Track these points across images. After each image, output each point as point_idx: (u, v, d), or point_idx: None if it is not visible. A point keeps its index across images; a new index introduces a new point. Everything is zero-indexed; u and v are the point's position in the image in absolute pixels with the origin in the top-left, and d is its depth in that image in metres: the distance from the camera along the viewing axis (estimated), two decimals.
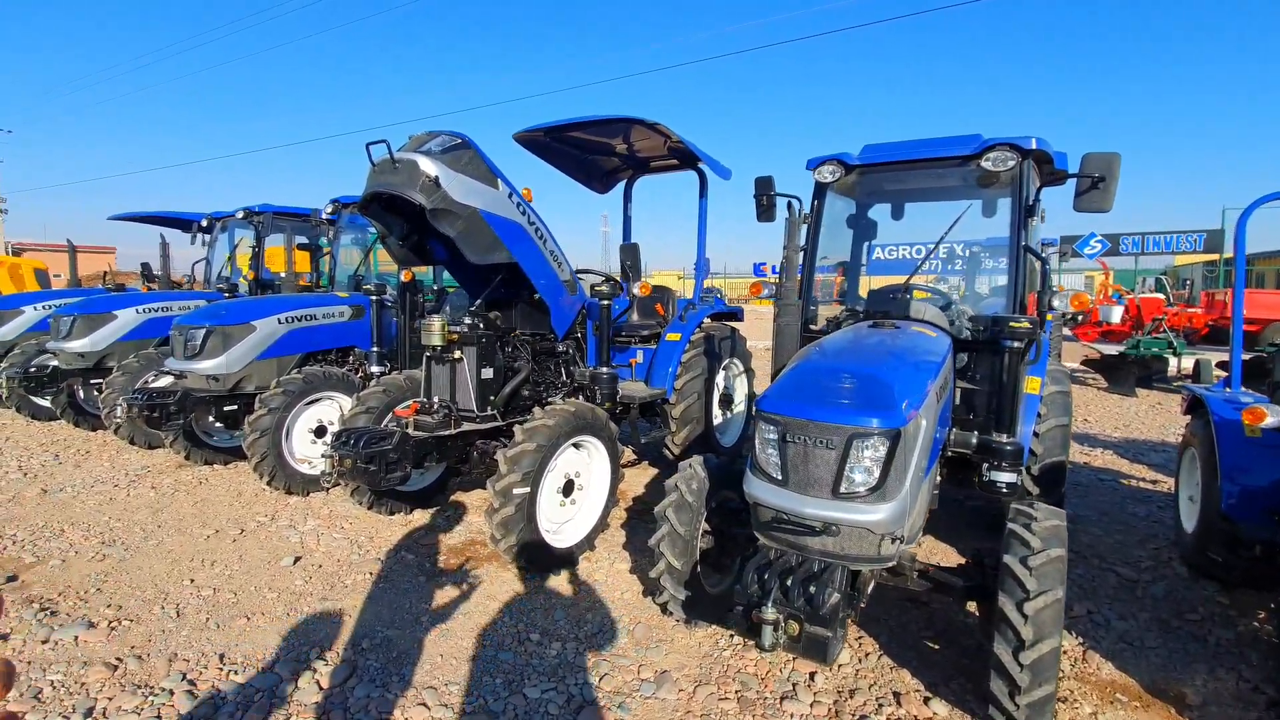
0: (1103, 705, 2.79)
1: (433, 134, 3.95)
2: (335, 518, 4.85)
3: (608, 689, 2.86)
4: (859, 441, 2.40)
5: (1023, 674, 2.33)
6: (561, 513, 4.06)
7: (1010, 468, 3.21)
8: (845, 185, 4.34)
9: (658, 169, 6.28)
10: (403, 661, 3.06)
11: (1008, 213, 3.87)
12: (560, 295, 4.67)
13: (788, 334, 3.79)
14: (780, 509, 2.52)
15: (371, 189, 3.82)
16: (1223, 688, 2.88)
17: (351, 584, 3.84)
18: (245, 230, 8.56)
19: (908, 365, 2.87)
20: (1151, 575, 4.00)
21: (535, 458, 3.64)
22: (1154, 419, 8.76)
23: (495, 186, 3.98)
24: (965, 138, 3.75)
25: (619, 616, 3.47)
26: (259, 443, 5.00)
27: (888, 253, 5.92)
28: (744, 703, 2.77)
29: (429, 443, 4.03)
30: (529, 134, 5.07)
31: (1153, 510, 5.17)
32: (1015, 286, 3.59)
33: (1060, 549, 2.49)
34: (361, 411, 4.46)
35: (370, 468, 3.65)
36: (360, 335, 6.31)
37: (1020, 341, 3.06)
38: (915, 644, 3.23)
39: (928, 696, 2.82)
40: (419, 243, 4.31)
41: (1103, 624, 3.45)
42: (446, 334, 4.11)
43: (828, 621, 2.29)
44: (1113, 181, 3.26)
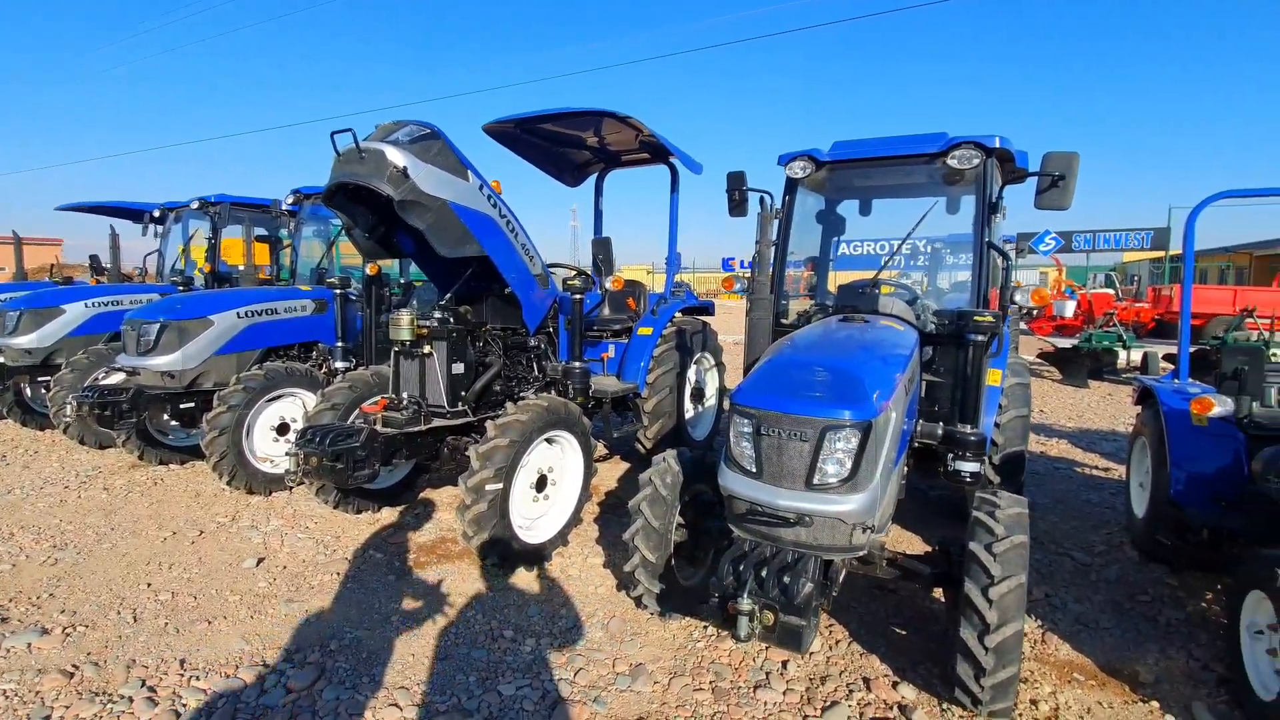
0: (1061, 685, 2.90)
1: (400, 123, 3.86)
2: (299, 517, 4.73)
3: (583, 683, 2.86)
4: (832, 433, 2.44)
5: (988, 656, 2.40)
6: (535, 508, 4.03)
7: (974, 457, 3.31)
8: (816, 181, 4.39)
9: (629, 163, 6.26)
10: (373, 662, 3.00)
11: (971, 210, 3.97)
12: (532, 289, 4.63)
13: (760, 328, 3.81)
14: (754, 501, 2.55)
15: (336, 179, 3.71)
16: (1174, 666, 3.02)
17: (318, 585, 3.75)
18: (200, 221, 8.27)
19: (877, 358, 2.92)
20: (1105, 559, 4.17)
21: (508, 453, 3.60)
22: (1105, 409, 9.12)
23: (465, 178, 3.92)
24: (931, 135, 3.83)
25: (593, 611, 3.47)
26: (218, 441, 4.84)
27: (853, 248, 6.02)
28: (718, 693, 2.80)
29: (398, 439, 3.95)
30: (499, 125, 5.00)
31: (1105, 497, 5.38)
32: (979, 282, 3.69)
33: (1023, 536, 2.57)
34: (327, 408, 4.35)
35: (337, 466, 3.57)
36: (324, 330, 6.15)
37: (984, 335, 3.15)
38: (884, 630, 3.31)
39: (896, 681, 2.89)
40: (385, 235, 4.22)
41: (1060, 606, 3.58)
42: (415, 329, 4.04)
43: (802, 611, 2.33)
44: (1072, 180, 3.36)
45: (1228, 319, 12.88)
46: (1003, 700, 2.47)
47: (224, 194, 7.88)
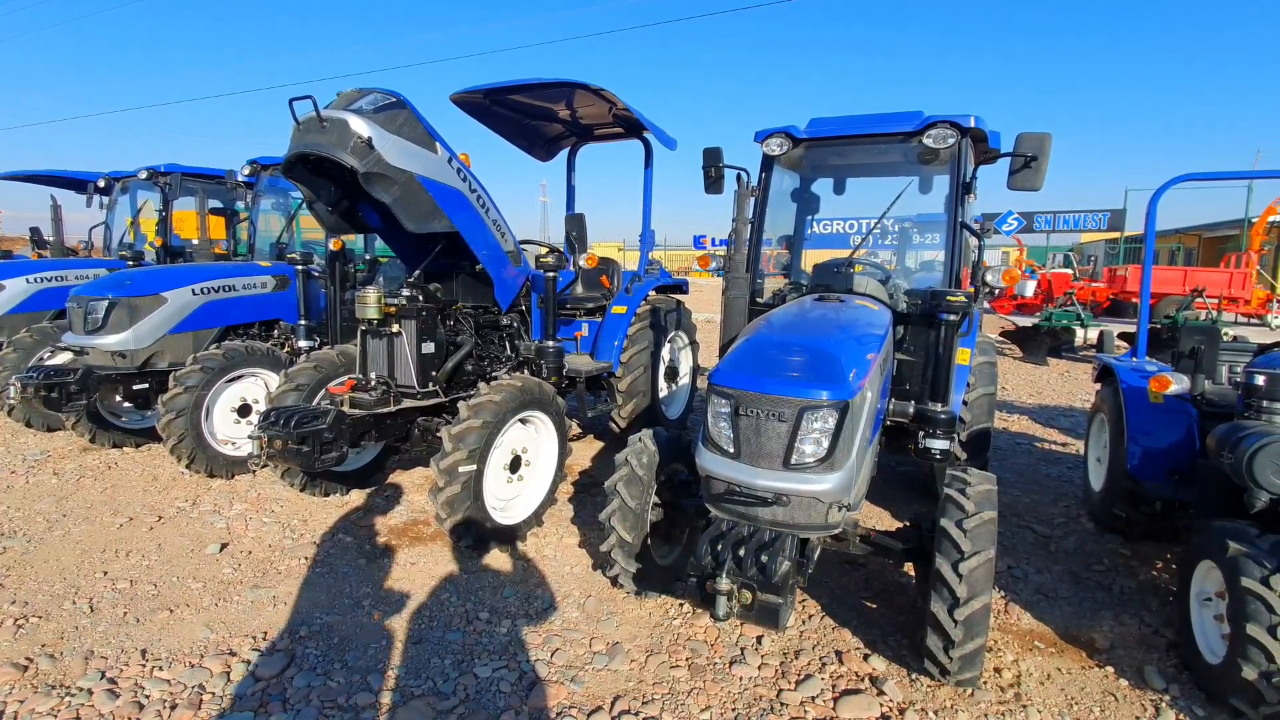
0: (1023, 653, 3.01)
1: (364, 91, 3.69)
2: (264, 501, 4.60)
3: (560, 663, 2.86)
4: (809, 413, 2.44)
5: (957, 629, 2.47)
6: (509, 489, 3.99)
7: (944, 435, 3.37)
8: (791, 159, 4.36)
9: (602, 137, 6.13)
10: (345, 648, 2.95)
11: (942, 190, 3.99)
12: (504, 267, 4.52)
13: (736, 307, 3.81)
14: (732, 481, 2.56)
15: (296, 149, 3.54)
16: (1127, 632, 3.17)
17: (285, 570, 3.66)
18: (150, 192, 7.87)
19: (853, 338, 2.94)
20: (1063, 531, 4.32)
21: (482, 434, 3.54)
22: (1064, 386, 9.43)
23: (434, 150, 3.77)
24: (907, 114, 3.83)
25: (569, 591, 3.47)
26: (176, 423, 4.66)
27: (824, 227, 6.04)
28: (694, 669, 2.83)
29: (366, 421, 3.85)
30: (467, 95, 4.82)
31: (1063, 471, 5.58)
32: (952, 261, 3.72)
33: (992, 511, 2.63)
34: (291, 389, 4.21)
35: (303, 448, 3.46)
36: (285, 308, 5.94)
37: (956, 315, 3.18)
38: (855, 605, 3.38)
39: (867, 654, 2.96)
40: (349, 209, 4.05)
41: (1021, 578, 3.71)
42: (383, 306, 3.91)
43: (779, 589, 2.35)
44: (1044, 161, 3.40)
45: (1179, 298, 13.40)
46: (970, 670, 2.55)
47: (175, 163, 7.51)
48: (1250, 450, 2.61)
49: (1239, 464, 2.64)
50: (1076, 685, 2.79)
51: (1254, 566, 2.45)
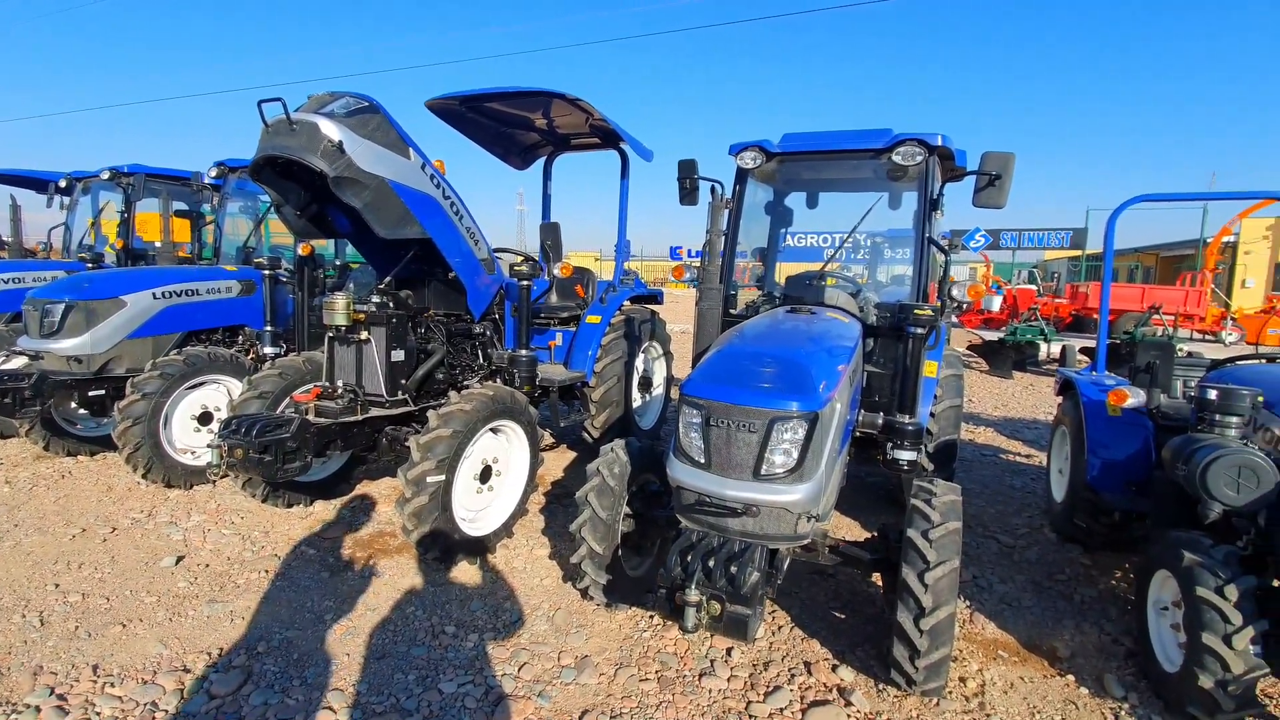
0: (987, 662, 3.05)
1: (335, 95, 3.65)
2: (224, 512, 4.46)
3: (527, 677, 2.81)
4: (779, 424, 2.46)
5: (922, 639, 2.49)
6: (478, 500, 3.93)
7: (911, 446, 3.41)
8: (765, 172, 4.42)
9: (579, 147, 6.14)
10: (304, 664, 2.86)
11: (912, 206, 4.08)
12: (477, 274, 4.49)
13: (709, 318, 3.82)
14: (703, 491, 2.56)
15: (264, 152, 3.49)
16: (1088, 640, 3.23)
17: (244, 583, 3.55)
18: (112, 193, 7.67)
19: (823, 350, 2.97)
20: (1027, 541, 4.41)
21: (451, 444, 3.49)
22: (1028, 399, 9.66)
23: (407, 156, 3.74)
24: (878, 131, 3.91)
25: (538, 603, 3.42)
26: (132, 431, 4.50)
27: (798, 240, 6.12)
28: (664, 682, 2.80)
29: (332, 430, 3.77)
30: (443, 102, 4.80)
31: (1027, 482, 5.70)
32: (920, 276, 3.80)
33: (957, 522, 2.67)
34: (254, 396, 4.10)
35: (265, 458, 3.37)
36: (251, 313, 5.81)
37: (923, 328, 3.24)
38: (825, 615, 3.40)
39: (835, 664, 2.97)
40: (319, 213, 4.00)
41: (986, 587, 3.76)
42: (352, 313, 3.85)
43: (748, 600, 2.35)
44: (1008, 179, 3.49)
45: (1137, 315, 13.85)
46: (936, 680, 2.57)
47: (138, 164, 7.32)
48: (1203, 462, 2.69)
49: (1193, 476, 2.72)
50: (1038, 694, 2.83)
51: (1208, 576, 2.52)
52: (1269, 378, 3.30)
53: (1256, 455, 2.64)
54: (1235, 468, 2.62)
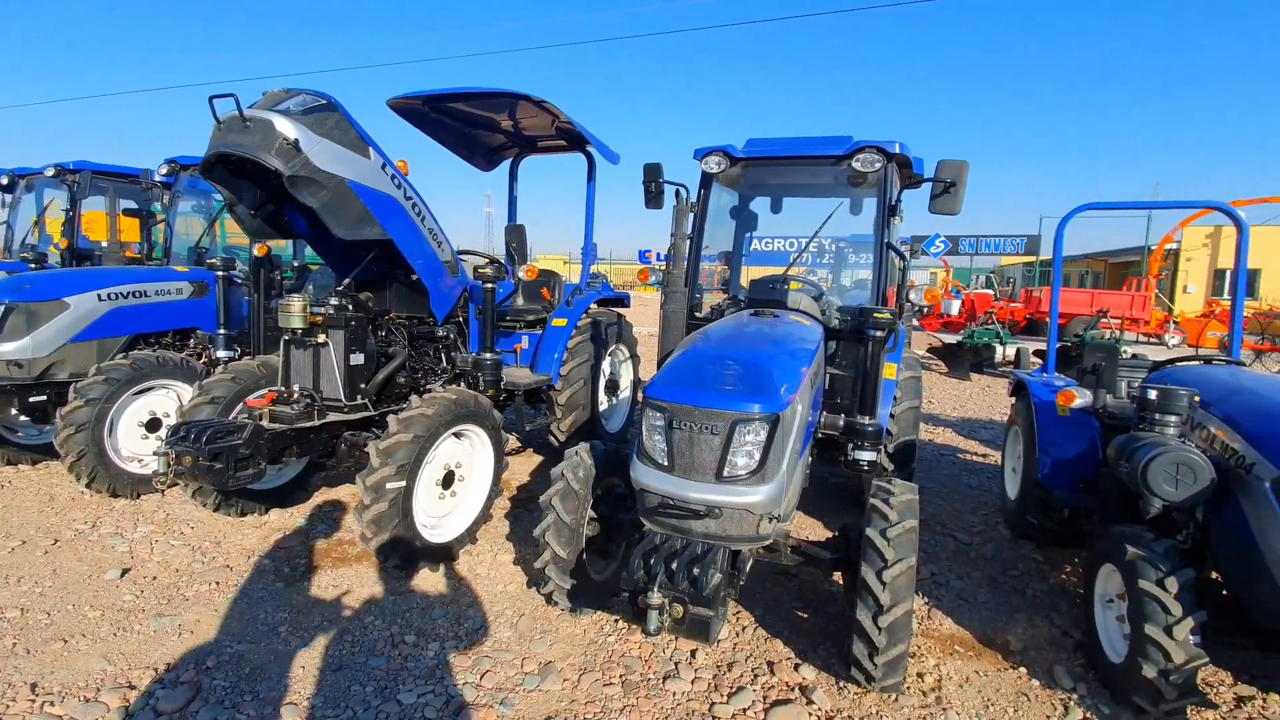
0: (944, 657, 3.12)
1: (291, 92, 3.56)
2: (173, 522, 4.30)
3: (489, 686, 2.77)
4: (742, 426, 2.48)
5: (881, 636, 2.54)
6: (441, 506, 3.86)
7: (871, 447, 3.48)
8: (730, 177, 4.46)
9: (545, 149, 6.12)
10: (256, 678, 2.77)
11: (872, 212, 4.16)
12: (440, 276, 4.42)
13: (674, 321, 3.84)
14: (666, 494, 2.56)
15: (216, 149, 3.38)
16: (1039, 634, 3.33)
17: (194, 596, 3.42)
18: (57, 191, 7.37)
19: (786, 353, 3.00)
20: (982, 538, 4.53)
21: (412, 449, 3.42)
22: (984, 400, 9.94)
23: (366, 155, 3.67)
24: (838, 138, 3.98)
25: (502, 610, 3.38)
26: (75, 439, 4.31)
27: (765, 244, 6.20)
28: (628, 686, 2.80)
29: (287, 436, 3.66)
30: (405, 101, 4.73)
31: (983, 481, 5.86)
32: (879, 280, 3.88)
33: (913, 520, 2.73)
34: (205, 401, 3.96)
35: (215, 465, 3.25)
36: (204, 316, 5.62)
37: (882, 331, 3.31)
38: (787, 615, 3.43)
39: (798, 663, 3.00)
40: (274, 213, 3.89)
41: (944, 584, 3.85)
42: (309, 315, 3.75)
43: (710, 602, 2.36)
44: (962, 186, 3.59)
45: (1086, 319, 14.40)
46: (894, 676, 2.62)
47: (85, 160, 7.04)
48: (1145, 460, 2.80)
49: (1135, 473, 2.83)
50: (992, 687, 2.91)
51: (1150, 569, 2.63)
52: (1205, 379, 3.46)
53: (1193, 453, 2.77)
54: (1174, 465, 2.74)
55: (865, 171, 3.76)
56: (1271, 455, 2.59)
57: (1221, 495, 2.76)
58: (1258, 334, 13.87)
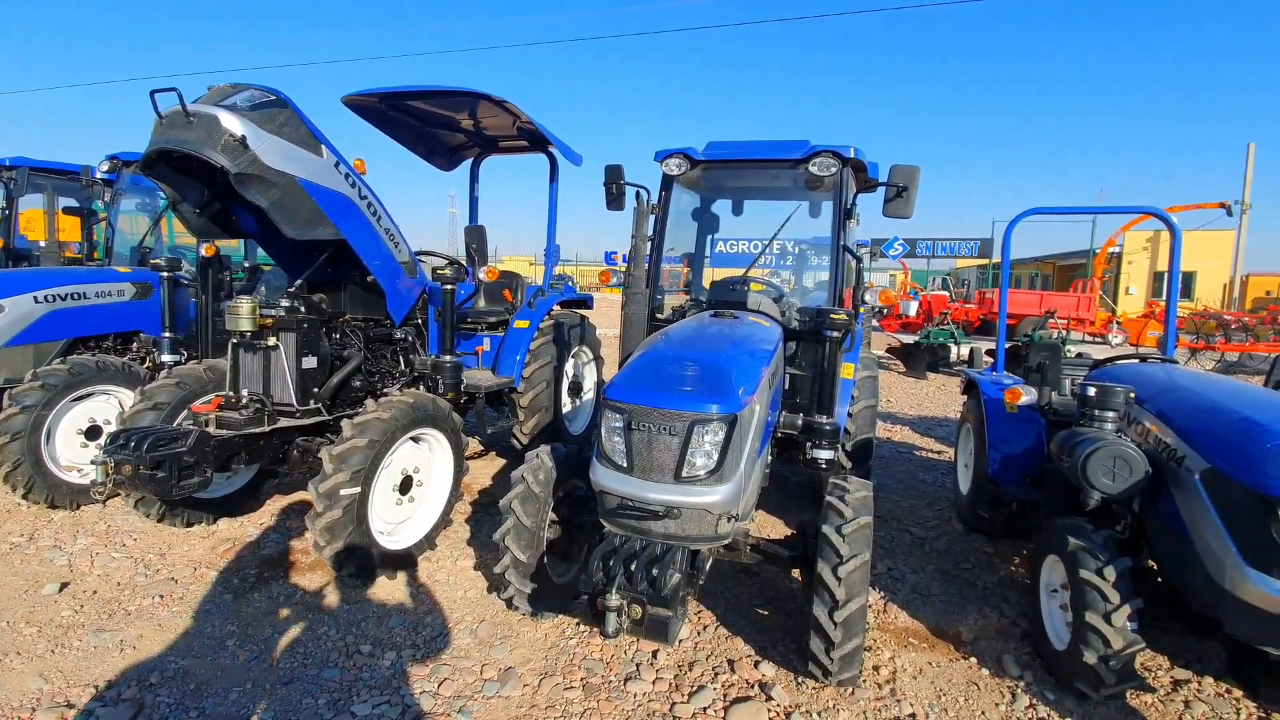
0: (899, 650, 3.20)
1: (239, 86, 3.46)
2: (114, 534, 4.12)
3: (447, 694, 2.73)
4: (700, 427, 2.49)
5: (836, 630, 2.59)
6: (398, 512, 3.78)
7: (829, 445, 3.55)
8: (691, 179, 4.49)
9: (506, 149, 6.06)
10: (203, 693, 2.67)
11: (830, 215, 4.24)
12: (398, 277, 4.33)
13: (635, 322, 3.84)
14: (625, 495, 2.56)
15: (158, 145, 3.26)
16: (989, 624, 3.44)
17: (136, 610, 3.28)
18: None
19: (744, 353, 3.04)
20: (936, 533, 4.66)
21: (366, 454, 3.34)
22: (940, 398, 10.22)
23: (318, 153, 3.58)
24: (795, 143, 4.05)
25: (461, 616, 3.33)
26: (10, 448, 4.09)
27: (730, 246, 6.26)
28: (589, 689, 2.79)
29: (235, 442, 3.54)
30: (361, 99, 4.63)
31: (938, 477, 6.03)
32: (835, 282, 3.95)
33: (868, 516, 2.79)
34: (148, 408, 3.80)
35: (158, 474, 3.13)
36: (147, 318, 5.39)
37: (839, 332, 3.37)
38: (748, 613, 3.47)
39: (758, 660, 3.04)
40: (222, 212, 3.76)
41: (899, 578, 3.95)
42: (258, 318, 3.63)
43: (669, 602, 2.37)
44: (914, 191, 3.69)
45: (1035, 319, 14.94)
46: (849, 670, 2.67)
47: (22, 156, 6.71)
48: (1084, 454, 2.92)
49: (1075, 467, 2.95)
50: (944, 677, 2.99)
51: (1090, 559, 2.74)
52: (1141, 376, 3.62)
53: (1129, 447, 2.89)
54: (1111, 459, 2.86)
55: (821, 175, 3.83)
56: (1201, 449, 2.73)
57: (1156, 487, 2.90)
58: (1193, 333, 14.60)
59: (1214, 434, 2.73)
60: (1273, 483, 2.33)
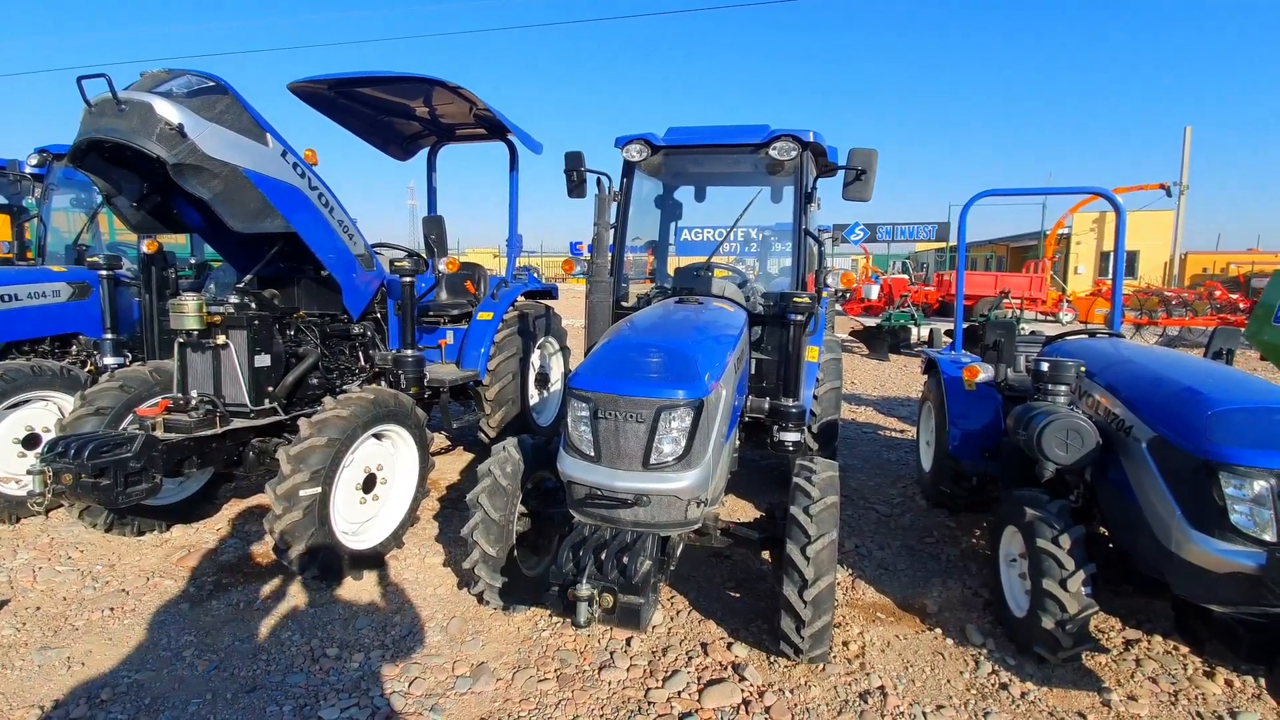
0: (867, 625, 3.26)
1: (174, 72, 3.28)
2: (58, 546, 3.92)
3: (418, 693, 2.68)
4: (666, 413, 2.48)
5: (806, 609, 2.62)
6: (362, 511, 3.69)
7: (795, 428, 3.58)
8: (652, 166, 4.45)
9: (464, 138, 5.93)
10: (158, 707, 2.57)
11: (792, 199, 4.26)
12: (353, 271, 4.20)
13: (599, 311, 3.81)
14: (593, 485, 2.54)
15: (87, 135, 3.08)
16: (952, 595, 3.54)
17: (85, 625, 3.14)
18: None
19: (709, 339, 3.04)
20: (901, 509, 4.77)
21: (326, 454, 3.24)
22: (902, 379, 10.46)
23: (264, 142, 3.43)
24: (756, 127, 4.04)
25: (431, 614, 3.27)
26: None
27: (695, 234, 6.26)
28: (563, 680, 2.77)
29: (185, 446, 3.40)
30: (309, 85, 4.45)
31: (902, 455, 6.17)
32: (798, 266, 3.98)
33: (834, 496, 2.83)
34: (89, 413, 3.62)
35: (101, 482, 2.98)
36: (86, 319, 5.14)
37: (802, 315, 3.40)
38: (721, 596, 3.50)
39: (730, 642, 3.06)
40: (161, 205, 3.58)
41: (866, 555, 4.03)
42: (205, 315, 3.48)
43: (640, 589, 2.36)
44: (872, 174, 3.72)
45: (991, 299, 15.39)
46: (820, 647, 2.72)
47: None
48: (1039, 427, 3.01)
49: (1030, 439, 3.04)
50: (911, 649, 3.06)
51: (1046, 528, 2.83)
52: (1090, 351, 3.75)
53: (1081, 419, 2.99)
54: (1064, 430, 2.96)
55: (782, 159, 3.83)
56: (1147, 418, 2.84)
57: (1106, 457, 3.01)
58: (1137, 309, 15.24)
59: (1159, 404, 2.84)
60: (1213, 448, 2.44)
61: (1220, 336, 3.81)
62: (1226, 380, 2.87)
